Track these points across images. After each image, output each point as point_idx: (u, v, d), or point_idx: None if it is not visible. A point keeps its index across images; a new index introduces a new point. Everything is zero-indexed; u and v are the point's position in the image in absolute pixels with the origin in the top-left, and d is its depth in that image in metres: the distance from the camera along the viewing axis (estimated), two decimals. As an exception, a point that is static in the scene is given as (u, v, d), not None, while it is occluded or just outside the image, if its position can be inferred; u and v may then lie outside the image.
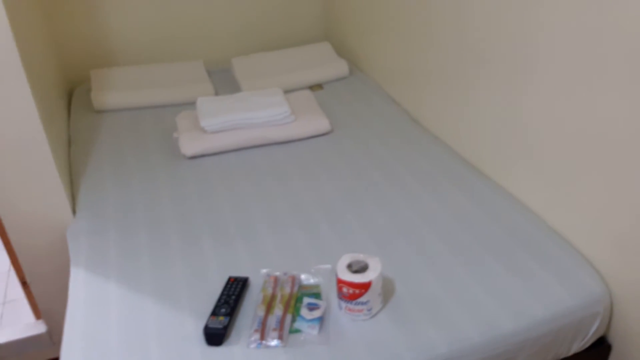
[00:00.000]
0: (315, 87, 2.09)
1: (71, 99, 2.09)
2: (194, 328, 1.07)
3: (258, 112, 1.71)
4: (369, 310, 1.07)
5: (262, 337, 1.04)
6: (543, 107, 1.26)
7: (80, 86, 2.16)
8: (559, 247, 1.23)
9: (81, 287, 1.21)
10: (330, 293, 1.14)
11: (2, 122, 1.32)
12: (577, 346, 1.16)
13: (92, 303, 1.16)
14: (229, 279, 1.17)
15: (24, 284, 1.57)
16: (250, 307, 1.12)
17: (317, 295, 1.13)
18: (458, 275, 1.17)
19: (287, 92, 1.97)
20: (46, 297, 1.56)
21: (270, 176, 1.57)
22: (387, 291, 1.14)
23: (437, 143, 1.67)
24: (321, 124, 1.75)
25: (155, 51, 2.25)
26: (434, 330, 1.04)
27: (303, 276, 1.18)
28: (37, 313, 1.64)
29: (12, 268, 2.05)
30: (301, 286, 1.16)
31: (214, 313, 1.07)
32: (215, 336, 1.03)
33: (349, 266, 1.08)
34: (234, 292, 1.13)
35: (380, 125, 1.80)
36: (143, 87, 2.04)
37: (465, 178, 1.49)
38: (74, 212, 1.46)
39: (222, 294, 1.12)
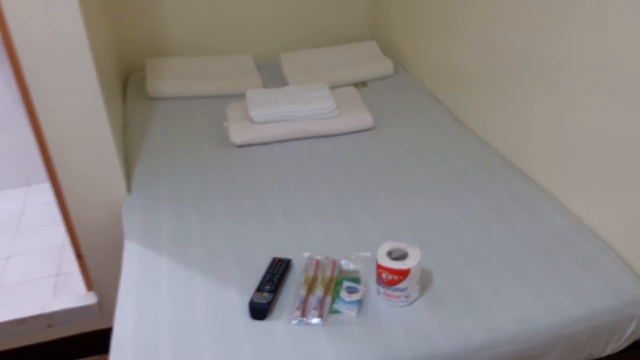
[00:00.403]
0: (360, 84, 2.14)
1: (126, 85, 2.20)
2: (240, 302, 1.13)
3: (304, 105, 1.77)
4: (407, 297, 1.11)
5: (303, 315, 1.09)
6: (590, 111, 1.28)
7: (135, 74, 2.27)
8: (598, 248, 1.24)
9: (134, 261, 1.28)
10: (369, 279, 1.19)
11: (70, 105, 1.42)
12: (612, 347, 1.17)
13: (144, 276, 1.23)
14: (273, 259, 1.23)
15: (79, 256, 1.67)
16: (292, 286, 1.17)
17: (356, 280, 1.18)
18: (496, 270, 1.20)
19: (332, 88, 2.02)
20: (98, 270, 1.66)
21: (313, 167, 1.62)
22: (425, 281, 1.17)
23: (480, 143, 1.70)
24: (364, 119, 1.79)
25: (207, 44, 2.34)
26: (469, 320, 1.08)
27: (343, 261, 1.23)
28: (89, 285, 1.74)
29: (65, 242, 2.17)
30: (341, 271, 1.21)
31: (259, 289, 1.13)
32: (259, 310, 1.09)
33: (389, 253, 1.12)
34: (278, 271, 1.19)
35: (423, 123, 1.83)
36: (195, 77, 2.13)
37: (507, 178, 1.51)
38: (129, 190, 1.56)
39: (267, 272, 1.19)
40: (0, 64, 2.34)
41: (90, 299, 1.73)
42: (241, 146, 1.73)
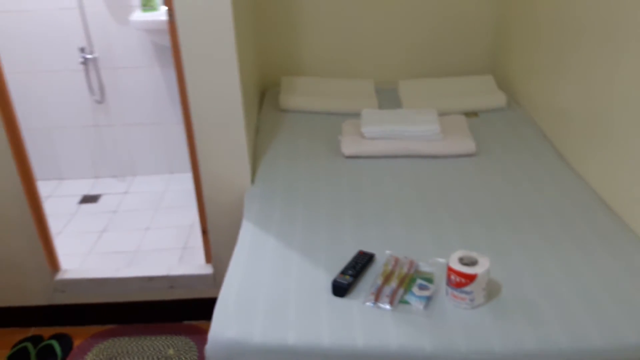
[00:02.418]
0: (471, 114, 2.27)
1: (264, 97, 2.54)
2: (325, 281, 1.34)
3: (411, 126, 1.95)
4: (472, 300, 1.24)
5: (377, 300, 1.27)
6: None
7: (272, 88, 2.61)
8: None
9: (247, 237, 1.55)
10: (441, 282, 1.33)
11: (217, 109, 1.74)
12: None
13: (253, 250, 1.49)
14: (359, 251, 1.42)
15: (204, 232, 1.99)
16: (371, 276, 1.35)
17: (429, 280, 1.33)
18: (563, 292, 1.28)
19: (442, 114, 2.18)
20: (217, 246, 1.97)
21: (411, 182, 1.79)
22: (493, 291, 1.29)
23: (577, 179, 1.75)
24: (467, 144, 1.93)
25: (335, 67, 2.62)
26: (525, 329, 1.18)
27: (421, 263, 1.39)
28: (209, 257, 2.06)
29: (195, 223, 2.54)
30: (417, 270, 1.37)
31: (343, 272, 1.33)
32: (340, 289, 1.29)
33: (461, 259, 1.26)
34: (361, 261, 1.38)
35: (525, 156, 1.92)
36: (321, 95, 2.40)
37: (596, 214, 1.56)
38: (252, 181, 1.85)
39: (352, 260, 1.38)
40: (167, 68, 2.81)
41: (207, 269, 2.04)
42: (350, 157, 1.95)
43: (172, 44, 1.73)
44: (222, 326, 1.23)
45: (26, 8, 2.65)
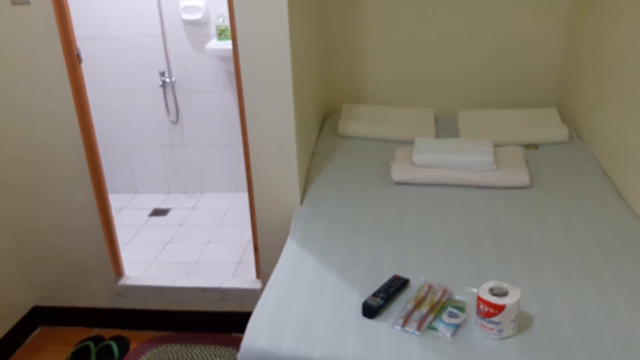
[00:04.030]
0: (531, 146, 2.23)
1: (324, 123, 2.63)
2: (357, 301, 1.37)
3: (463, 155, 1.95)
4: (500, 331, 1.22)
5: (405, 324, 1.28)
6: None
7: (333, 114, 2.69)
8: None
9: (289, 255, 1.61)
10: (472, 312, 1.32)
11: (271, 133, 1.84)
12: None
13: (293, 267, 1.55)
14: (394, 276, 1.44)
15: (256, 249, 2.08)
16: (403, 301, 1.37)
17: (460, 309, 1.32)
18: (600, 336, 1.23)
19: (500, 145, 2.15)
20: (266, 262, 2.05)
21: (458, 211, 1.79)
22: (524, 324, 1.26)
23: (634, 219, 1.67)
24: (520, 176, 1.90)
25: (397, 95, 2.66)
26: (555, 367, 1.15)
27: (455, 291, 1.39)
28: (259, 273, 2.14)
29: (251, 239, 2.64)
30: (450, 298, 1.37)
31: (374, 294, 1.36)
32: (369, 310, 1.31)
33: (491, 289, 1.25)
34: (394, 286, 1.40)
35: (582, 191, 1.86)
36: (379, 123, 2.45)
37: (650, 255, 1.49)
38: (301, 202, 1.92)
39: (385, 284, 1.40)
40: (231, 93, 2.98)
41: (256, 284, 2.12)
42: (399, 183, 1.98)
43: (235, 71, 1.86)
44: (254, 336, 1.30)
45: (114, 35, 2.92)
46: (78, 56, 1.97)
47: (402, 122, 2.46)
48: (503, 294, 1.24)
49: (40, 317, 2.34)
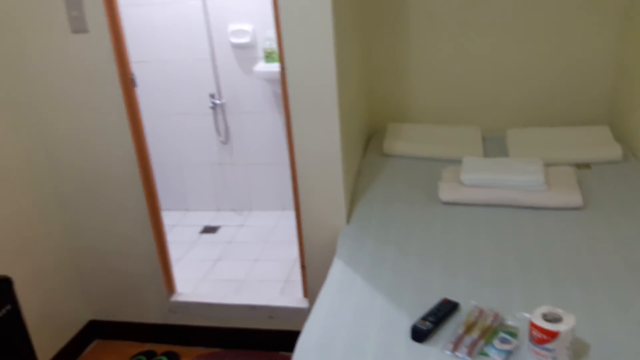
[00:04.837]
0: (583, 166, 2.17)
1: (369, 142, 2.64)
2: (406, 324, 1.36)
3: (513, 175, 1.92)
4: (554, 358, 1.19)
5: (455, 349, 1.27)
6: None
7: (378, 133, 2.70)
8: None
9: (337, 275, 1.62)
10: (525, 338, 1.29)
11: (317, 152, 1.87)
12: None
13: (341, 287, 1.56)
14: (444, 299, 1.43)
15: (303, 267, 2.10)
16: (453, 325, 1.35)
17: (513, 335, 1.30)
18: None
19: (551, 165, 2.11)
20: (313, 281, 2.06)
21: (508, 233, 1.76)
22: (579, 351, 1.23)
23: (697, 242, 1.60)
24: (572, 198, 1.85)
25: (443, 114, 2.65)
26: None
27: (507, 317, 1.36)
28: (306, 292, 2.16)
29: (298, 257, 2.67)
30: (502, 324, 1.34)
31: (424, 318, 1.35)
32: (419, 334, 1.31)
33: (545, 315, 1.22)
34: (444, 309, 1.38)
35: (638, 213, 1.79)
36: (424, 141, 2.44)
37: None
38: (347, 221, 1.93)
39: (435, 307, 1.39)
40: (279, 113, 3.04)
41: (304, 303, 2.14)
42: (447, 203, 1.97)
43: (282, 93, 1.90)
44: (303, 357, 1.31)
45: (166, 58, 3.04)
46: (133, 80, 2.07)
47: (448, 140, 2.44)
48: (557, 319, 1.21)
49: (97, 330, 2.43)
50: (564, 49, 2.42)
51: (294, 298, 2.20)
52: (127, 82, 2.03)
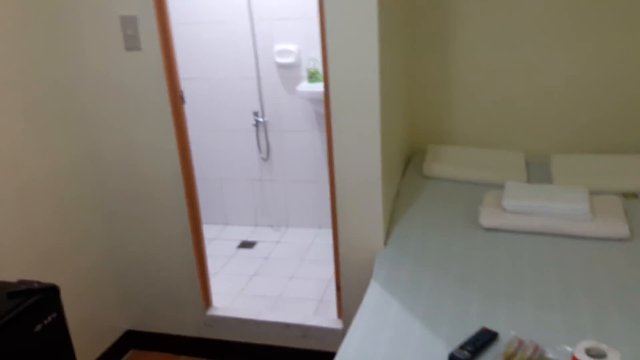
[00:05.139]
0: (630, 195, 2.10)
1: (408, 162, 2.63)
2: (443, 353, 1.34)
3: (556, 203, 1.87)
4: (598, 396, 1.15)
5: (493, 380, 1.24)
6: None
7: (418, 155, 2.69)
8: None
9: (373, 298, 1.61)
10: (567, 372, 1.25)
11: (357, 173, 1.88)
12: None
13: (377, 311, 1.55)
14: (482, 328, 1.40)
15: (338, 288, 2.09)
16: (491, 356, 1.32)
17: (554, 368, 1.26)
18: None
19: (596, 193, 2.05)
20: (348, 302, 2.05)
21: (550, 262, 1.71)
22: (626, 391, 1.18)
23: None
24: (618, 227, 1.79)
25: (485, 137, 2.62)
26: None
27: (547, 349, 1.32)
28: (340, 312, 2.15)
29: (333, 277, 2.67)
30: (542, 357, 1.30)
31: (462, 347, 1.33)
32: (455, 362, 1.28)
33: (588, 350, 1.18)
34: (482, 339, 1.36)
35: (690, 247, 1.72)
36: (466, 165, 2.41)
37: None
38: (385, 243, 1.92)
39: (473, 336, 1.37)
40: (324, 133, 3.06)
41: (338, 324, 2.13)
42: (488, 229, 1.93)
43: (325, 113, 1.92)
44: (337, 380, 1.31)
45: (212, 76, 3.12)
46: (181, 97, 2.13)
47: (490, 164, 2.41)
48: (601, 355, 1.17)
49: (132, 340, 2.48)
50: (612, 71, 2.36)
51: (328, 318, 2.19)
52: (176, 99, 2.10)
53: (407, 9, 2.45)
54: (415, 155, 2.70)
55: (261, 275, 2.81)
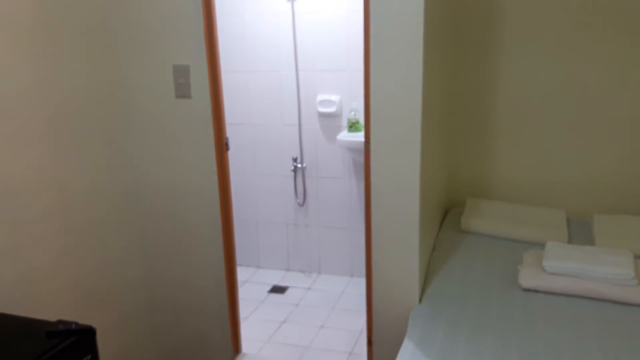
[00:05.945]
0: (679, 262, 2.02)
1: (445, 215, 2.61)
2: (478, 418, 1.30)
3: (600, 267, 1.82)
4: None
5: None
6: None
7: (455, 208, 2.67)
8: None
9: (406, 357, 1.58)
10: None
11: (394, 225, 1.88)
12: None
13: (411, 369, 1.52)
14: (520, 395, 1.35)
15: (370, 342, 2.06)
16: None
17: None
18: None
19: (642, 258, 1.99)
20: (380, 358, 2.01)
21: (593, 328, 1.65)
22: None
23: None
24: (667, 297, 1.72)
25: (525, 193, 2.58)
26: None
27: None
28: (371, 368, 2.10)
29: (363, 330, 2.62)
30: None
31: (497, 414, 1.28)
32: None
33: None
34: (520, 406, 1.31)
35: None
36: (505, 221, 2.38)
37: None
38: (420, 299, 1.89)
39: (510, 403, 1.32)
40: (361, 181, 3.08)
41: (368, 379, 2.08)
42: (527, 290, 1.88)
43: (365, 165, 1.94)
44: None
45: (256, 122, 3.20)
46: (226, 144, 2.19)
47: (530, 222, 2.37)
48: None
49: (162, 380, 2.48)
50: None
51: (357, 373, 2.15)
52: (221, 146, 2.16)
53: (451, 59, 2.49)
54: (453, 207, 2.69)
55: (291, 323, 2.78)
